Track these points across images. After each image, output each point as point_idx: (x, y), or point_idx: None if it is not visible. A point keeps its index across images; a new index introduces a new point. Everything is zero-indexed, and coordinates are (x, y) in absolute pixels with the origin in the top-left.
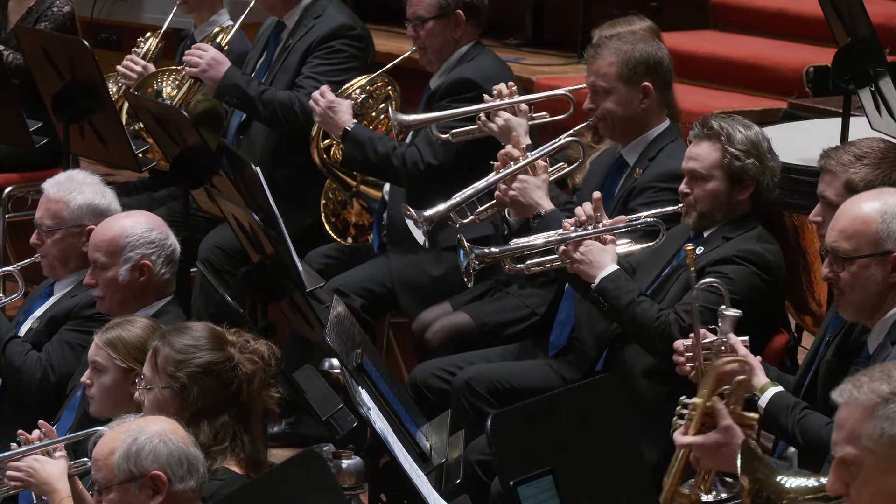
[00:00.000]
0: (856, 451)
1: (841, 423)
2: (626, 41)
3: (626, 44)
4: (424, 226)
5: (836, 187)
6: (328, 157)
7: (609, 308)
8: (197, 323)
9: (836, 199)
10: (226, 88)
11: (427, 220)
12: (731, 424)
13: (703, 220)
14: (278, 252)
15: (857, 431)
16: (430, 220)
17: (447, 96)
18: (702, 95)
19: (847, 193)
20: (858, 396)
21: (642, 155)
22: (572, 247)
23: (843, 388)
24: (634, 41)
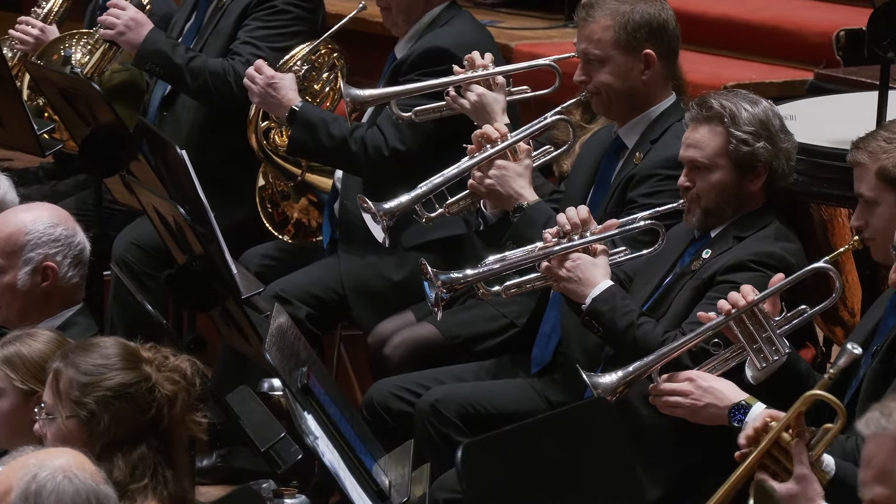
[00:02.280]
0: (887, 492)
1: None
2: (624, 1)
3: (623, 4)
4: (384, 220)
5: (870, 181)
6: (268, 143)
7: (605, 332)
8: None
9: (873, 194)
10: (147, 55)
11: (387, 214)
12: (809, 475)
13: (709, 218)
14: (208, 251)
15: (888, 467)
16: (390, 214)
17: (416, 69)
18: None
19: (884, 185)
20: (888, 426)
21: (643, 136)
22: (556, 262)
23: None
24: (634, 1)
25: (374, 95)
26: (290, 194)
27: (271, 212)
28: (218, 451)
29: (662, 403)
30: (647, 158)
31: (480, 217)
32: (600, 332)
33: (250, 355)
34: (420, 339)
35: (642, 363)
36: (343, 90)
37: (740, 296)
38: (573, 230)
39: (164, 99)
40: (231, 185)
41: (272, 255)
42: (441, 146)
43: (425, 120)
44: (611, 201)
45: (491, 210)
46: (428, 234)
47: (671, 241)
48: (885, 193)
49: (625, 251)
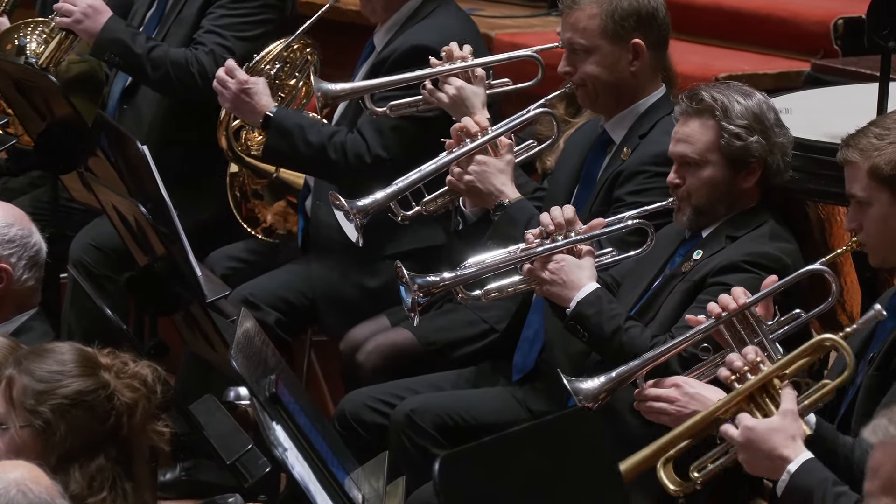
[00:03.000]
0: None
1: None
2: None
3: None
4: (358, 219)
5: (862, 180)
6: (239, 143)
7: (590, 338)
8: (60, 344)
9: (865, 195)
10: (105, 44)
11: (361, 212)
12: (795, 413)
13: (701, 216)
14: (171, 253)
15: (895, 478)
16: (364, 212)
17: (400, 67)
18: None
19: (875, 184)
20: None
21: (631, 130)
22: (539, 264)
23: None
24: None
25: (346, 90)
26: (264, 194)
27: (240, 201)
28: (181, 464)
29: (647, 409)
30: (634, 154)
31: (459, 216)
32: (585, 338)
33: (215, 362)
34: (395, 346)
35: (626, 368)
36: (314, 84)
37: (731, 298)
38: (557, 230)
39: (125, 91)
40: (195, 183)
41: (240, 256)
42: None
43: (401, 115)
44: (596, 200)
45: (470, 208)
46: (405, 242)
47: (660, 242)
48: (878, 193)
49: (611, 252)
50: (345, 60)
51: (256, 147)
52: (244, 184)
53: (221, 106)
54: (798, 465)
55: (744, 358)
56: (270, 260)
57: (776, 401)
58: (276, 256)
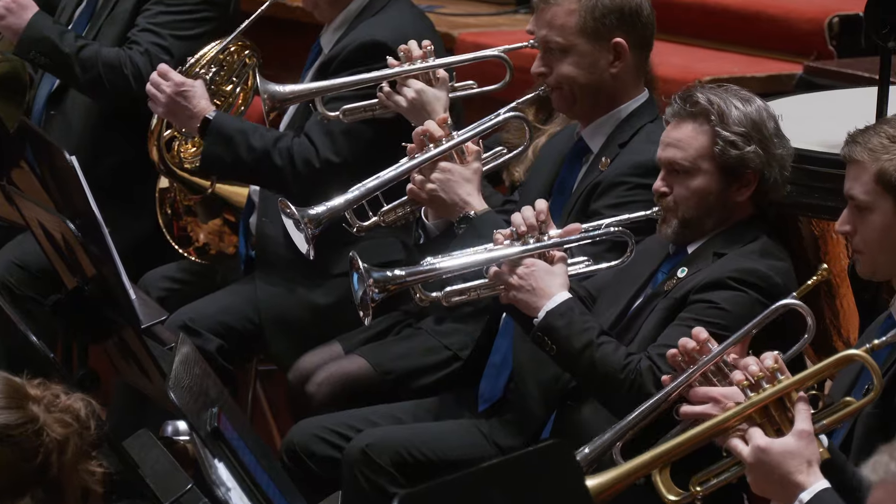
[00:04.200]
0: None
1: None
2: None
3: None
4: (309, 228)
5: (865, 183)
6: (171, 155)
7: (559, 352)
8: None
9: (867, 199)
10: (30, 42)
11: (313, 221)
12: (811, 433)
13: (687, 230)
14: (102, 274)
15: None
16: (316, 221)
17: (348, 66)
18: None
19: (880, 189)
20: None
21: (611, 138)
22: (507, 268)
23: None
24: None
25: (295, 92)
26: (198, 211)
27: (170, 219)
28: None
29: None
30: (614, 164)
31: (420, 228)
32: (553, 352)
33: (151, 394)
34: (348, 375)
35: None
36: (259, 85)
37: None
38: (529, 232)
39: (52, 95)
40: (129, 197)
41: (177, 277)
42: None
43: (355, 120)
44: (572, 212)
45: (433, 220)
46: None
47: (642, 257)
48: (881, 200)
49: (586, 262)
50: (290, 63)
51: (190, 160)
52: (176, 200)
53: (153, 112)
54: (812, 495)
55: (761, 363)
56: (211, 281)
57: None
58: (216, 277)
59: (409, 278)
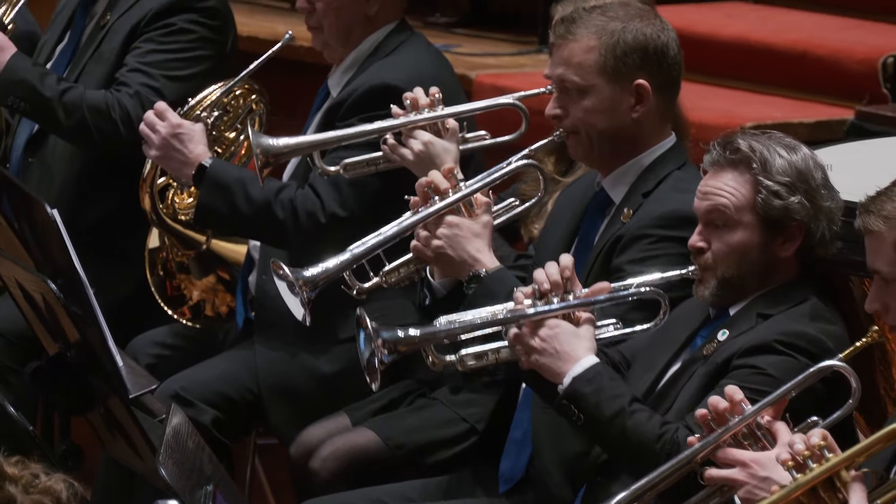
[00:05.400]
0: None
1: None
2: (614, 16)
3: (613, 20)
4: (305, 292)
5: (886, 254)
6: (165, 205)
7: (586, 421)
8: None
9: (890, 269)
10: (8, 86)
11: (309, 284)
12: None
13: (727, 291)
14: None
15: None
16: (312, 284)
17: (358, 111)
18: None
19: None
20: None
21: (633, 188)
22: (529, 329)
23: None
24: (626, 17)
25: (290, 146)
26: (192, 268)
27: (163, 280)
28: None
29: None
30: (637, 215)
31: (426, 288)
32: (580, 421)
33: (140, 470)
34: (356, 450)
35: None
36: (252, 139)
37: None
38: (552, 290)
39: (31, 142)
40: (116, 253)
41: (168, 342)
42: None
43: (358, 175)
44: (592, 269)
45: (440, 279)
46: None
47: (679, 321)
48: None
49: (615, 324)
50: (296, 107)
51: (185, 211)
52: (168, 259)
53: (146, 155)
54: None
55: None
56: (205, 346)
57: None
58: (211, 342)
59: (422, 339)
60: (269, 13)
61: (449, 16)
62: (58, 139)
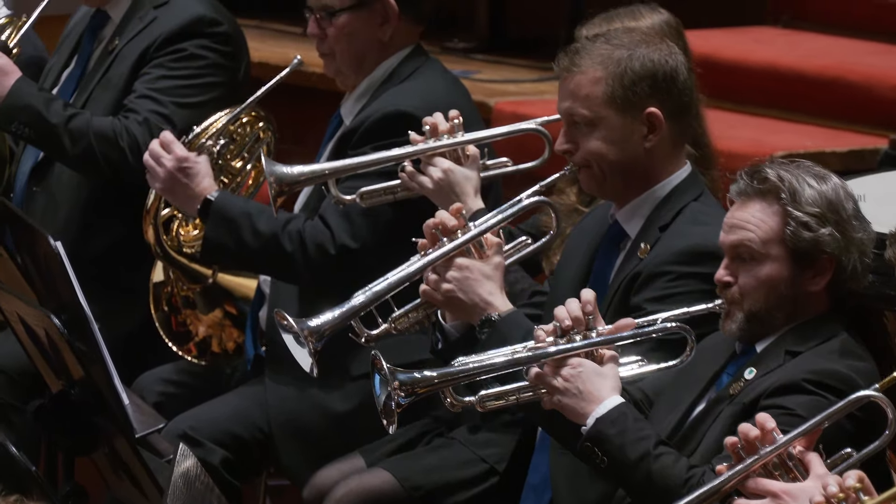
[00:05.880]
0: None
1: None
2: (619, 44)
3: (618, 48)
4: (311, 343)
5: None
6: (169, 237)
7: (610, 465)
8: None
9: None
10: (12, 112)
11: (315, 334)
12: None
13: (755, 325)
14: (91, 375)
15: None
16: (318, 334)
17: (371, 139)
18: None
19: None
20: None
21: (649, 221)
22: (551, 369)
23: None
24: (632, 44)
25: (305, 174)
26: (198, 302)
27: (168, 316)
28: None
29: None
30: (654, 250)
31: (438, 332)
32: (604, 464)
33: None
34: (372, 491)
35: None
36: (265, 167)
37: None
38: (574, 327)
39: (35, 170)
40: (122, 286)
41: (176, 379)
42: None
43: (375, 204)
44: (609, 308)
45: (451, 322)
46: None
47: (705, 356)
48: None
49: (640, 361)
50: (306, 136)
51: (190, 244)
52: (173, 294)
53: (150, 187)
54: None
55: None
56: (214, 383)
57: None
58: (220, 379)
59: (439, 381)
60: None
61: (467, 41)
62: (63, 167)
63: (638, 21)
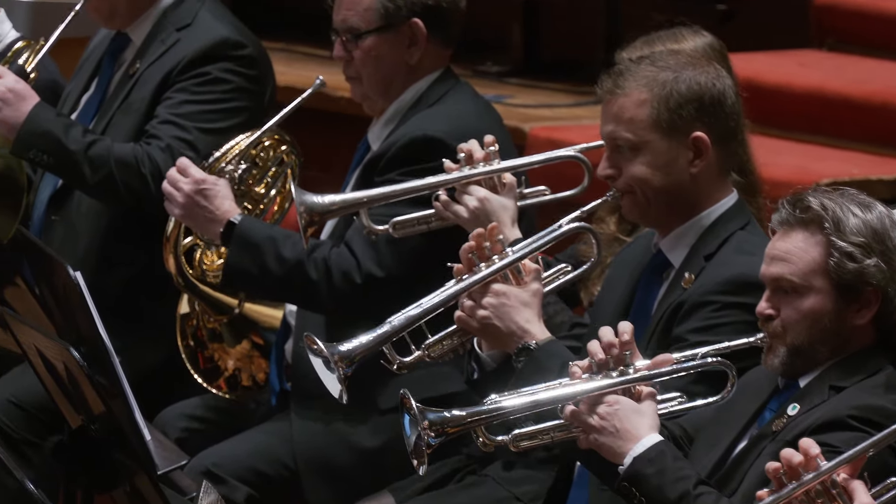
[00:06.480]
0: None
1: None
2: (664, 66)
3: (663, 70)
4: (341, 368)
5: None
6: (192, 267)
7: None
8: None
9: None
10: (30, 138)
11: (345, 359)
12: None
13: (798, 360)
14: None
15: None
16: (349, 359)
17: (399, 165)
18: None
19: None
20: None
21: (694, 250)
22: (586, 407)
23: None
24: (678, 66)
25: (336, 203)
26: (224, 335)
27: (195, 351)
28: None
29: None
30: (699, 280)
31: (474, 361)
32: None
33: None
34: None
35: None
36: (295, 196)
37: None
38: (612, 363)
39: (54, 198)
40: (143, 318)
41: (199, 414)
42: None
43: (408, 234)
44: (652, 339)
45: (488, 350)
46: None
47: (746, 392)
48: None
49: (679, 398)
50: (332, 161)
51: (214, 273)
52: (199, 327)
53: (170, 214)
54: None
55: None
56: (238, 418)
57: None
58: (245, 414)
59: (471, 420)
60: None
61: (501, 64)
62: (83, 195)
63: (680, 44)
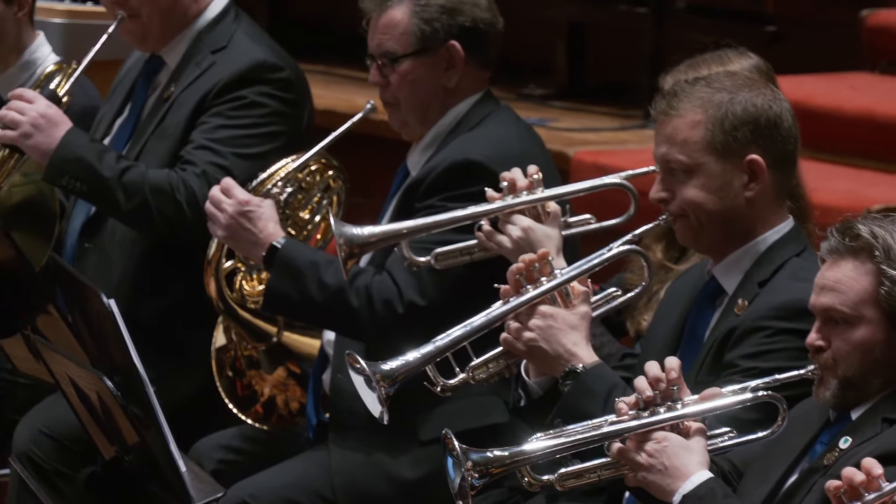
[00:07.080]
0: None
1: None
2: (720, 87)
3: (719, 91)
4: (382, 387)
5: None
6: (232, 291)
7: None
8: None
9: None
10: (63, 164)
11: (388, 378)
12: None
13: (850, 392)
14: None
15: None
16: (391, 378)
17: (438, 191)
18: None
19: None
20: None
21: (748, 276)
22: (634, 444)
23: None
24: (734, 87)
25: (376, 235)
26: (262, 362)
27: (233, 381)
28: None
29: None
30: (752, 306)
31: (520, 387)
32: None
33: None
34: None
35: None
36: (334, 228)
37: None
38: (660, 398)
39: (87, 225)
40: (179, 347)
41: (235, 445)
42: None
43: (450, 266)
44: (703, 366)
45: (535, 377)
46: (454, 422)
47: (797, 425)
48: None
49: (729, 433)
50: (371, 187)
51: (255, 299)
52: (236, 356)
53: (213, 235)
54: None
55: None
56: (275, 449)
57: None
58: (282, 445)
59: (515, 460)
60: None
61: (544, 87)
62: (117, 223)
63: (726, 66)
